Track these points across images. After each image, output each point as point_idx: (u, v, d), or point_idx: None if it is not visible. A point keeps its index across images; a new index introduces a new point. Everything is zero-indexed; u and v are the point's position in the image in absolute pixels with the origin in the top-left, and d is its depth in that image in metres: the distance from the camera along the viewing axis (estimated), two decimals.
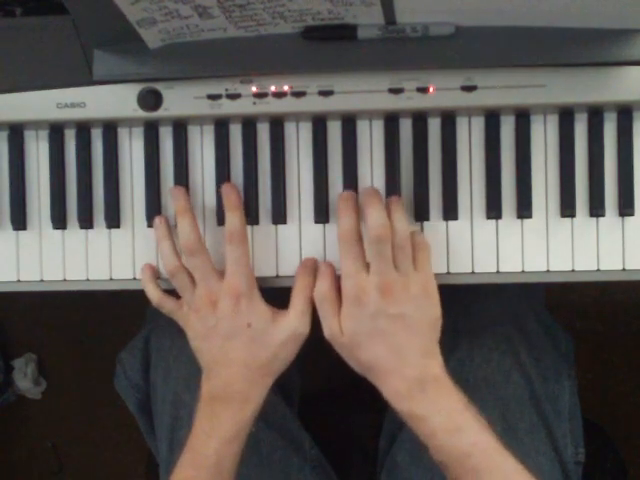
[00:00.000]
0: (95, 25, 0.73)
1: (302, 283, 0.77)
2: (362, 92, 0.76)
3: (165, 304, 0.79)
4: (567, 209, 0.77)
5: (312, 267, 0.78)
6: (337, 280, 0.76)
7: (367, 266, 0.74)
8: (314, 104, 0.76)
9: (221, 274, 0.77)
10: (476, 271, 0.78)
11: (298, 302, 0.77)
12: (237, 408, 0.76)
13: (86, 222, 0.81)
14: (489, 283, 0.79)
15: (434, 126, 0.78)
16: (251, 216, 0.79)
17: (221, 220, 0.79)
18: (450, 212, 0.78)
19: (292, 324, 0.76)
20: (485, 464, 0.70)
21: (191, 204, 0.78)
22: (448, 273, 0.78)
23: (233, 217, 0.76)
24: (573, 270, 0.78)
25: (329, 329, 0.75)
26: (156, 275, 0.80)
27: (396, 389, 0.73)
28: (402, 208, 0.75)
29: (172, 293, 0.80)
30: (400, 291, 0.72)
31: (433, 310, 0.74)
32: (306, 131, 0.79)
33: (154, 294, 0.79)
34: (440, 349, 0.75)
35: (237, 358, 0.76)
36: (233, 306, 0.75)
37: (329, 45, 0.73)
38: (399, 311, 0.72)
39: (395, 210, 0.74)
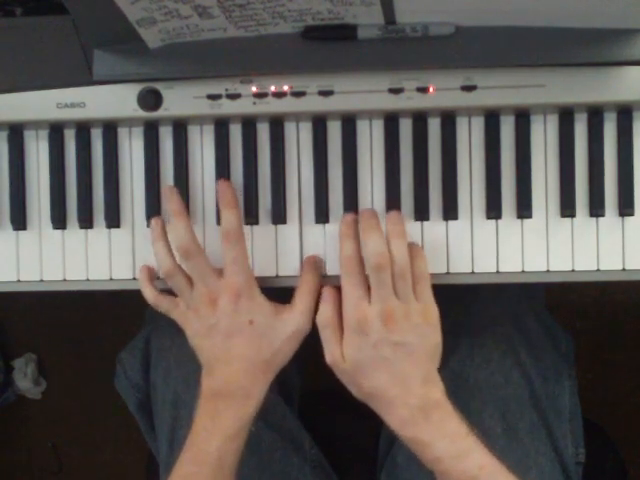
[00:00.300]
0: (95, 25, 0.73)
1: (307, 280, 0.77)
2: (362, 92, 0.76)
3: (161, 303, 0.79)
4: (567, 209, 0.77)
5: (317, 264, 0.78)
6: (340, 303, 0.75)
7: (369, 292, 0.73)
8: (314, 104, 0.76)
9: (219, 272, 0.76)
10: (476, 271, 0.78)
11: (302, 299, 0.77)
12: (239, 404, 0.76)
13: (86, 222, 0.81)
14: (489, 283, 0.79)
15: (434, 126, 0.78)
16: (251, 216, 0.79)
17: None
18: (450, 212, 0.78)
19: (296, 320, 0.76)
20: None
21: (184, 205, 0.78)
22: (448, 273, 0.78)
23: (229, 215, 0.76)
24: (573, 270, 0.78)
25: (331, 355, 0.75)
26: (153, 276, 0.80)
27: (400, 417, 0.73)
28: (401, 231, 0.74)
29: (170, 292, 0.80)
30: (402, 319, 0.72)
31: (433, 338, 0.74)
32: (306, 131, 0.79)
33: (150, 293, 0.79)
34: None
35: (240, 355, 0.76)
36: (233, 304, 0.75)
37: (329, 45, 0.73)
38: (401, 339, 0.72)
39: (393, 236, 0.73)
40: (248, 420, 0.76)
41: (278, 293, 0.78)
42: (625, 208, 0.77)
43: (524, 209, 0.77)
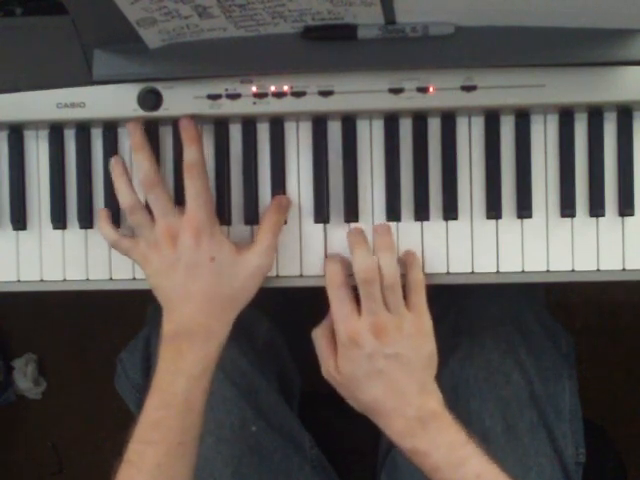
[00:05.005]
0: (95, 25, 0.73)
1: (271, 219, 0.77)
2: (362, 92, 0.76)
3: (121, 242, 0.78)
4: (567, 209, 0.77)
5: (284, 205, 0.78)
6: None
7: (358, 306, 0.74)
8: (314, 104, 0.76)
9: (181, 210, 0.76)
10: (476, 271, 0.78)
11: (265, 237, 0.76)
12: (201, 343, 0.74)
13: (86, 222, 0.81)
14: (489, 283, 0.79)
15: (434, 126, 0.78)
16: (251, 216, 0.79)
17: (224, 220, 0.79)
18: (450, 212, 0.78)
19: (257, 258, 0.76)
20: None
21: (146, 138, 0.77)
22: (448, 273, 0.78)
23: (191, 150, 0.76)
24: (573, 270, 0.78)
25: (326, 368, 0.76)
26: (111, 218, 0.79)
27: (398, 428, 0.73)
28: (389, 242, 0.75)
29: None
30: (394, 331, 0.73)
31: (427, 347, 0.74)
32: (306, 131, 0.79)
33: (109, 233, 0.78)
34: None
35: (199, 292, 0.75)
36: (194, 240, 0.74)
37: (329, 45, 0.73)
38: (394, 351, 0.73)
39: (381, 249, 0.74)
40: (212, 360, 0.75)
41: (276, 293, 0.78)
42: (625, 208, 0.77)
43: (524, 209, 0.77)
